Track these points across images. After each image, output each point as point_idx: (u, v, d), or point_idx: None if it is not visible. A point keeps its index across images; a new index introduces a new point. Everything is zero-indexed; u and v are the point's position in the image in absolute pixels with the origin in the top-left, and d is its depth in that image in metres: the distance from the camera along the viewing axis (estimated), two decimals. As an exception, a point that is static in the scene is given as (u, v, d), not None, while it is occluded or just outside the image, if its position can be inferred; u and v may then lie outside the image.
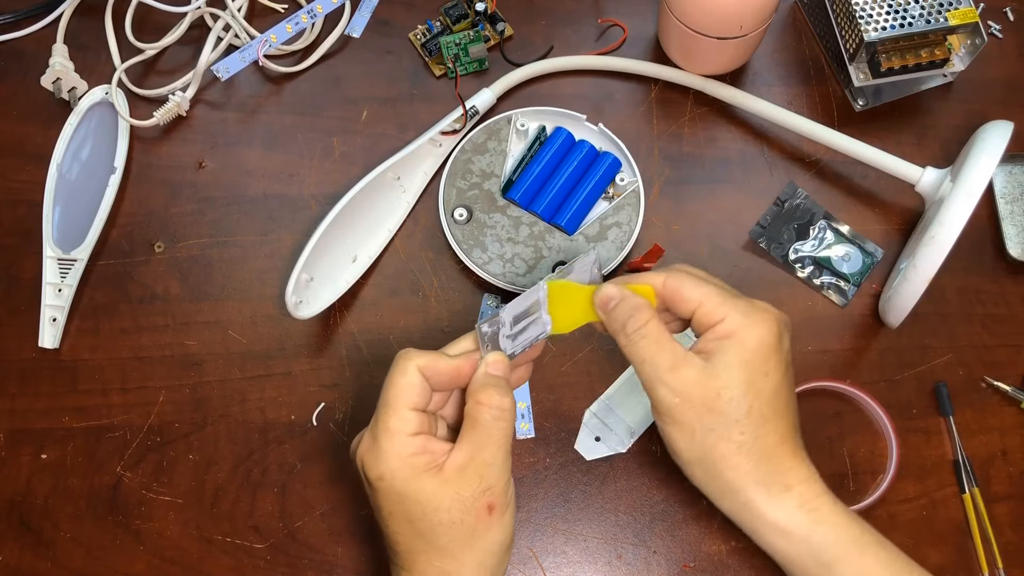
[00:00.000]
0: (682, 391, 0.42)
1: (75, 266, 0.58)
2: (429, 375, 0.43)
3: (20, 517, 0.54)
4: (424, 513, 0.41)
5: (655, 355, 0.42)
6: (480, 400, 0.42)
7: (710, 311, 0.43)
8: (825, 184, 0.61)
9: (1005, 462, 0.55)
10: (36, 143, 0.61)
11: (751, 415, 0.41)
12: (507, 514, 0.43)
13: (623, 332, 0.43)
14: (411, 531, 0.42)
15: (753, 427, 0.42)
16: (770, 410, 0.42)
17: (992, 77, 0.63)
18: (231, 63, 0.61)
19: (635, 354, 0.43)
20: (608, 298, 0.44)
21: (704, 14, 0.55)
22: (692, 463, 0.43)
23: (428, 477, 0.41)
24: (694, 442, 0.42)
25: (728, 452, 0.42)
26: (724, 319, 0.42)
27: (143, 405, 0.56)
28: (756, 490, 0.42)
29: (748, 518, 0.43)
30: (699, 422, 0.42)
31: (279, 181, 0.61)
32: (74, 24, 0.65)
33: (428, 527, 0.41)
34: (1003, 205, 0.59)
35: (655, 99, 0.63)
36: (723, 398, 0.41)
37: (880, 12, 0.55)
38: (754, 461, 0.42)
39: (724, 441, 0.42)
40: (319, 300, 0.55)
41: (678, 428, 0.42)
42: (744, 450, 0.42)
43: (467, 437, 0.42)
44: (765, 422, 0.42)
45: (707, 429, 0.42)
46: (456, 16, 0.63)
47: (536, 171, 0.58)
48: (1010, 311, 0.58)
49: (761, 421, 0.42)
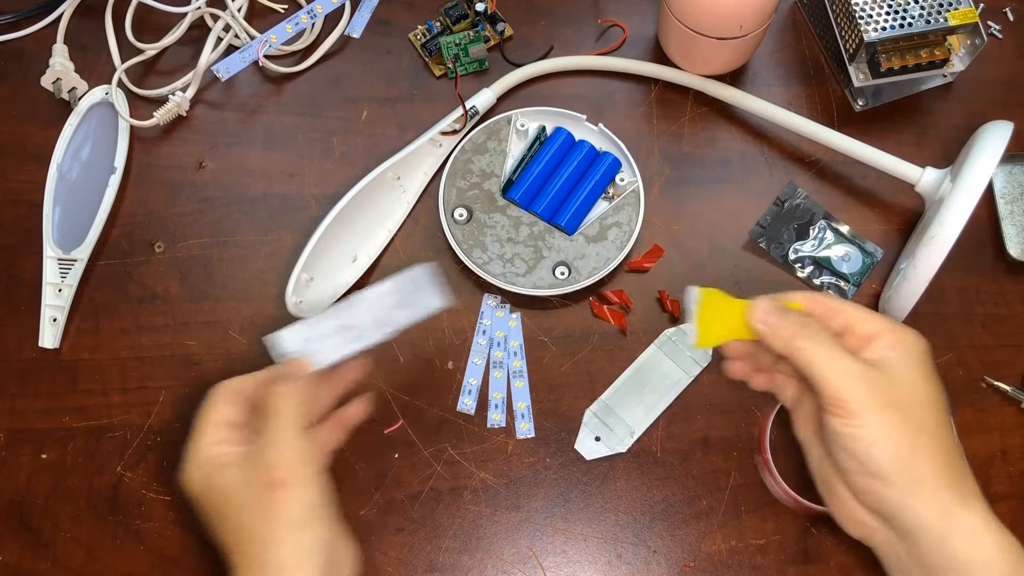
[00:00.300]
0: (876, 394, 0.41)
1: (75, 266, 0.58)
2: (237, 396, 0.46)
3: (20, 517, 0.54)
4: (228, 504, 0.43)
5: (840, 358, 0.42)
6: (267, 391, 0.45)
7: (867, 324, 0.43)
8: (825, 184, 0.61)
9: (1005, 462, 0.55)
10: (36, 143, 0.61)
11: (942, 417, 0.42)
12: (302, 490, 0.42)
13: (796, 340, 0.42)
14: (228, 527, 0.43)
15: (945, 428, 0.42)
16: (947, 414, 0.43)
17: (992, 77, 0.63)
18: (231, 63, 0.61)
19: (815, 358, 0.42)
20: (772, 311, 0.43)
21: (704, 14, 0.55)
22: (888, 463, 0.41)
23: (225, 470, 0.44)
24: (899, 442, 0.41)
25: (934, 452, 0.41)
26: (882, 331, 0.43)
27: (143, 405, 0.56)
28: (954, 493, 0.41)
29: (941, 523, 0.41)
30: (902, 422, 0.41)
31: (279, 181, 0.61)
32: (74, 24, 0.65)
33: (235, 517, 0.43)
34: (1003, 205, 0.59)
35: (655, 99, 0.63)
36: (918, 400, 0.41)
37: (880, 12, 0.56)
38: (950, 462, 0.41)
39: (930, 440, 0.41)
40: (319, 300, 0.55)
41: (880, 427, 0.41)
42: (944, 450, 0.41)
43: (261, 422, 0.45)
44: (948, 425, 0.42)
45: (911, 428, 0.41)
46: (456, 16, 0.63)
47: (536, 171, 0.58)
48: (1010, 311, 0.58)
49: (948, 424, 0.42)
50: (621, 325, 0.57)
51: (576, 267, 0.56)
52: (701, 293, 0.44)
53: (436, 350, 0.57)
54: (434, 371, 0.57)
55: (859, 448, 0.41)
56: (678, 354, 0.56)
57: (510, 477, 0.54)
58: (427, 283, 0.50)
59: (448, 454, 0.55)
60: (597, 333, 0.57)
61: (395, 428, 0.55)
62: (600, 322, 0.57)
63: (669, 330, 0.57)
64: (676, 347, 0.56)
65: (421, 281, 0.50)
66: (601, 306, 0.58)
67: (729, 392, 0.56)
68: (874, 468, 0.41)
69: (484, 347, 0.57)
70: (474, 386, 0.56)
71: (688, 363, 0.56)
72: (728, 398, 0.56)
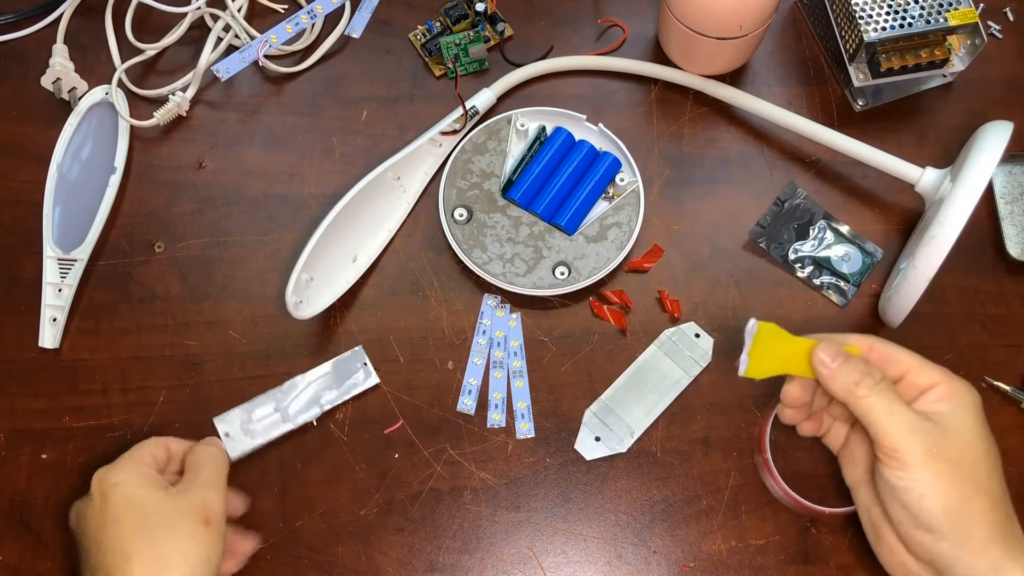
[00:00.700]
0: (930, 447, 0.42)
1: (75, 266, 0.58)
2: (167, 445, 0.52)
3: (20, 517, 0.54)
4: (149, 517, 0.46)
5: (899, 409, 0.43)
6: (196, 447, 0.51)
7: (923, 374, 0.44)
8: (825, 184, 0.61)
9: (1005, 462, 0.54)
10: (36, 143, 0.61)
11: (994, 471, 0.43)
12: (219, 532, 0.47)
13: (858, 387, 0.43)
14: (134, 536, 0.45)
15: (997, 482, 0.43)
16: (999, 468, 0.43)
17: (992, 77, 0.63)
18: (231, 63, 0.61)
19: (875, 407, 0.43)
20: (835, 355, 0.44)
21: (704, 14, 0.55)
22: (940, 517, 0.42)
23: (157, 488, 0.48)
24: (950, 495, 0.41)
25: (985, 507, 0.42)
26: (939, 382, 0.44)
27: (143, 405, 0.56)
28: (1004, 548, 0.41)
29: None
30: (954, 475, 0.42)
31: (279, 181, 0.61)
32: (74, 24, 0.65)
33: (151, 531, 0.45)
34: (1003, 205, 0.59)
35: (655, 99, 0.63)
36: (971, 454, 0.42)
37: (880, 12, 0.56)
38: (1002, 518, 0.42)
39: (981, 494, 0.42)
40: (319, 300, 0.56)
41: (932, 480, 0.42)
42: (995, 504, 0.42)
43: (190, 469, 0.50)
44: (1000, 479, 0.43)
45: (963, 481, 0.42)
46: (456, 16, 0.63)
47: (536, 171, 0.58)
48: (1010, 311, 0.58)
49: (1000, 477, 0.43)
50: (621, 325, 0.57)
51: (576, 267, 0.56)
52: (759, 326, 0.45)
53: (436, 350, 0.57)
54: (434, 371, 0.57)
55: (911, 500, 0.42)
56: (678, 354, 0.56)
57: (510, 477, 0.54)
58: (358, 365, 0.55)
59: (448, 454, 0.55)
60: (597, 333, 0.57)
61: (395, 428, 0.55)
62: (600, 322, 0.57)
63: (669, 330, 0.57)
64: (676, 347, 0.56)
65: (354, 363, 0.56)
66: (601, 306, 0.58)
67: (729, 392, 0.56)
68: (925, 520, 0.42)
69: (484, 347, 0.57)
70: (474, 386, 0.56)
71: (688, 363, 0.56)
72: (728, 398, 0.56)
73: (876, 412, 0.42)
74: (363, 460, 0.55)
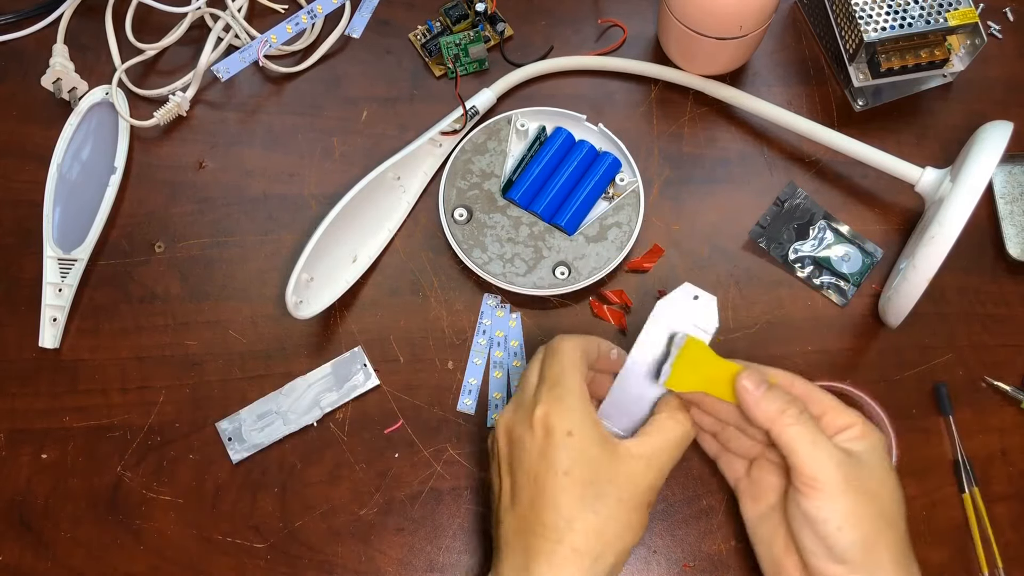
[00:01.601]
0: (850, 480, 0.42)
1: (75, 266, 0.58)
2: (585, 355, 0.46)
3: (20, 517, 0.54)
4: (600, 484, 0.42)
5: (821, 441, 0.43)
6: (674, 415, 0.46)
7: (839, 415, 0.46)
8: (825, 184, 0.61)
9: (1005, 462, 0.55)
10: (36, 143, 0.61)
11: (901, 509, 0.44)
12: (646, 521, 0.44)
13: (783, 416, 0.44)
14: (581, 502, 0.42)
15: (903, 520, 0.44)
16: (903, 508, 0.45)
17: (992, 77, 0.63)
18: (231, 63, 0.61)
19: (797, 437, 0.43)
20: (759, 383, 0.45)
21: (704, 14, 0.55)
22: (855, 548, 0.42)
23: (610, 448, 0.43)
24: (865, 527, 0.42)
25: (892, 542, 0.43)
26: (854, 423, 0.45)
27: (143, 405, 0.56)
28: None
29: None
30: (869, 508, 0.43)
31: (279, 181, 0.61)
32: (74, 24, 0.65)
33: (599, 499, 0.42)
34: (1003, 205, 0.59)
35: (655, 99, 0.63)
36: (885, 491, 0.44)
37: (880, 12, 0.56)
38: (905, 554, 0.44)
39: (892, 530, 0.43)
40: (319, 300, 0.56)
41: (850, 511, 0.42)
42: (900, 539, 0.43)
43: (653, 434, 0.45)
44: (904, 518, 0.44)
45: (877, 516, 0.43)
46: (456, 16, 0.63)
47: (536, 171, 0.58)
48: (1010, 311, 0.58)
49: (904, 516, 0.44)
50: (621, 325, 0.57)
51: (576, 267, 0.56)
52: (687, 340, 0.45)
53: (436, 350, 0.57)
54: (434, 371, 0.57)
55: (829, 531, 0.42)
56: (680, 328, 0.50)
57: (510, 477, 0.54)
58: (358, 367, 0.55)
59: (448, 454, 0.55)
60: (597, 333, 0.57)
61: (395, 428, 0.55)
62: (600, 322, 0.57)
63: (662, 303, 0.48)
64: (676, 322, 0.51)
65: (353, 365, 0.56)
66: (601, 306, 0.58)
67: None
68: (840, 552, 0.42)
69: (484, 347, 0.57)
70: (474, 386, 0.56)
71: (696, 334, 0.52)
72: (728, 398, 0.56)
73: (800, 442, 0.43)
74: (363, 460, 0.55)
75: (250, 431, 0.55)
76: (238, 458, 0.54)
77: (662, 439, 0.45)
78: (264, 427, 0.55)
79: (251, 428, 0.55)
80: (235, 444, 0.54)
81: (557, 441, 0.43)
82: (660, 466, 0.45)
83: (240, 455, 0.54)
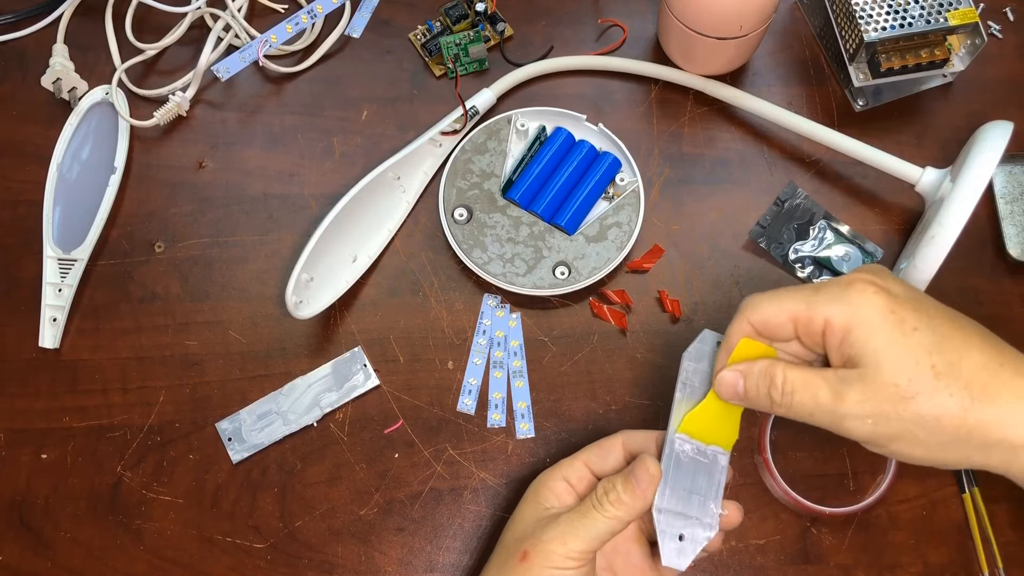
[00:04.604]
0: (868, 410, 0.38)
1: (75, 266, 0.58)
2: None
3: (20, 517, 0.54)
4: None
5: (816, 400, 0.39)
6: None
7: (808, 320, 0.40)
8: (825, 184, 0.61)
9: (1005, 462, 0.55)
10: (36, 143, 0.61)
11: (939, 374, 0.38)
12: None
13: (773, 403, 0.41)
14: None
15: (949, 380, 0.38)
16: (952, 350, 0.38)
17: (992, 77, 0.63)
18: (231, 63, 0.61)
19: (798, 412, 0.40)
20: (735, 383, 0.42)
21: (704, 14, 0.55)
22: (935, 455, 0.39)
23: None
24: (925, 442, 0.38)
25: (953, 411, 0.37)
26: (829, 319, 0.39)
27: (143, 405, 0.56)
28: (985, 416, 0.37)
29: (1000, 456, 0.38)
30: (911, 423, 0.38)
31: (279, 181, 0.61)
32: (74, 24, 0.65)
33: None
34: (1003, 205, 0.59)
35: (655, 99, 0.63)
36: (905, 385, 0.38)
37: (880, 12, 0.56)
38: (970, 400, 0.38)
39: (940, 411, 0.37)
40: (319, 300, 0.56)
41: (901, 442, 0.39)
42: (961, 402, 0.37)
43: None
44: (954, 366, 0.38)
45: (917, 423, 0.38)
46: (456, 16, 0.63)
47: (536, 171, 0.58)
48: (1010, 311, 0.58)
49: (950, 370, 0.38)
50: (621, 325, 0.57)
51: (576, 267, 0.56)
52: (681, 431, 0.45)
53: (436, 350, 0.57)
54: (434, 371, 0.57)
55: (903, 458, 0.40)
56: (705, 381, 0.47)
57: (510, 477, 0.54)
58: (358, 367, 0.55)
59: (448, 454, 0.55)
60: (597, 333, 0.57)
61: (395, 428, 0.55)
62: (600, 322, 0.57)
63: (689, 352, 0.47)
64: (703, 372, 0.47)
65: (353, 365, 0.56)
66: (601, 306, 0.58)
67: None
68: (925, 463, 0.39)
69: (484, 347, 0.57)
70: (474, 386, 0.56)
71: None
72: (728, 398, 0.56)
73: (801, 416, 0.40)
74: (363, 460, 0.55)
75: (250, 431, 0.55)
76: (238, 458, 0.54)
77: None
78: (264, 427, 0.55)
79: (251, 428, 0.55)
80: (235, 444, 0.54)
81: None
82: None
83: (240, 455, 0.54)
